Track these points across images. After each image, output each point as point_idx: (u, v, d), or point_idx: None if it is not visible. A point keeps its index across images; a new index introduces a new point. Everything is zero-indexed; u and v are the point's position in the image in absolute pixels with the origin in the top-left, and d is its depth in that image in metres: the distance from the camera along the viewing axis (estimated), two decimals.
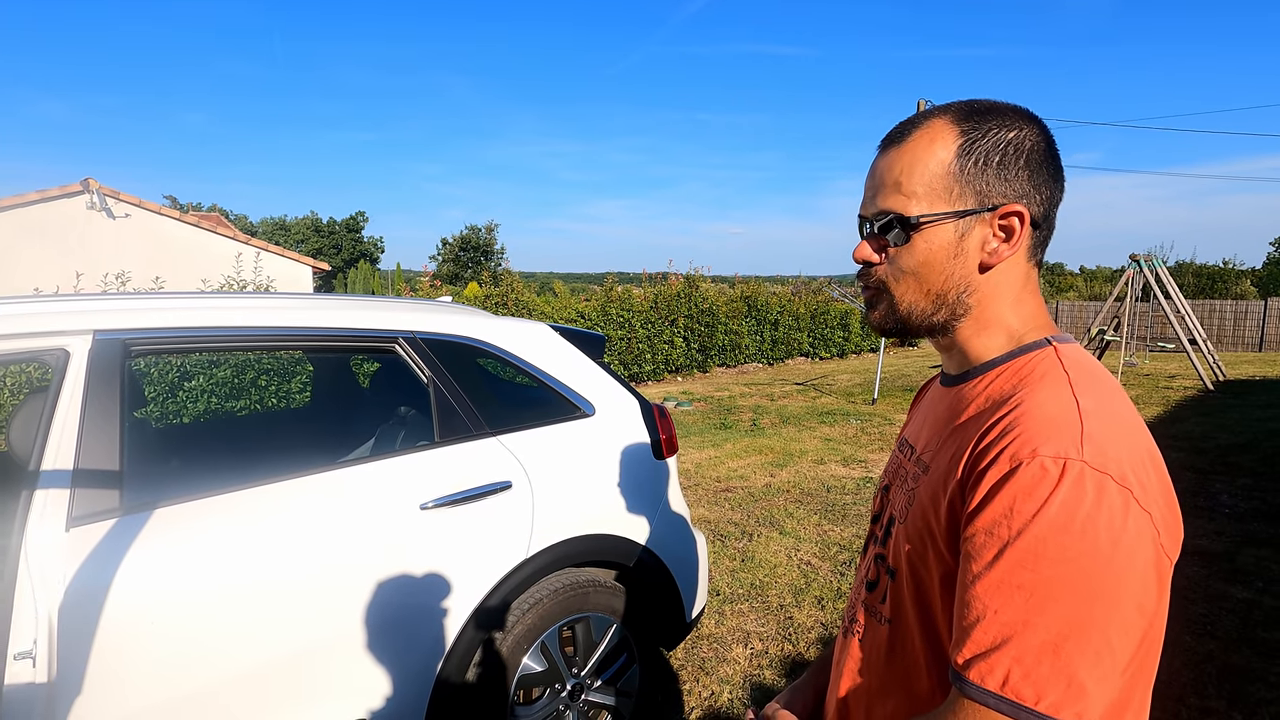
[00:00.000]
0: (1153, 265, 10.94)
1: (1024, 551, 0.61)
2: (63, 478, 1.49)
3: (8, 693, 1.35)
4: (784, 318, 15.24)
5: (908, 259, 0.77)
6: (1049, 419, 0.66)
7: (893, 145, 0.78)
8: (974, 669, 0.62)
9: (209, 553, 1.59)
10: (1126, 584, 0.61)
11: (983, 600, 0.63)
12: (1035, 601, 0.60)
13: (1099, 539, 0.60)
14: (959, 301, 0.78)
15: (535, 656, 2.05)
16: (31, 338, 1.57)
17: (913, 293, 0.78)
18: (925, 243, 0.76)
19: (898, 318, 0.80)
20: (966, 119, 0.76)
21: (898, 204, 0.76)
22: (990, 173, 0.75)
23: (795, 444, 6.93)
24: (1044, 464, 0.62)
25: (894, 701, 0.79)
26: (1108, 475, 0.62)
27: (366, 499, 1.80)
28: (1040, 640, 0.60)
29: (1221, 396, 9.61)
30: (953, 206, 0.75)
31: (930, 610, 0.74)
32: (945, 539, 0.71)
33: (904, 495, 0.82)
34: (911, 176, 0.76)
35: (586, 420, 2.25)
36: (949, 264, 0.77)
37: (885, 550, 0.83)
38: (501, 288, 11.35)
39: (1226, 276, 25.35)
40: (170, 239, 14.63)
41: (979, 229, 0.76)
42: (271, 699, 1.64)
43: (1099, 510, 0.61)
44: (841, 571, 3.72)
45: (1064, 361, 0.74)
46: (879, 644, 0.82)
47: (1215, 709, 2.48)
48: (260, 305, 1.92)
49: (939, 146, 0.76)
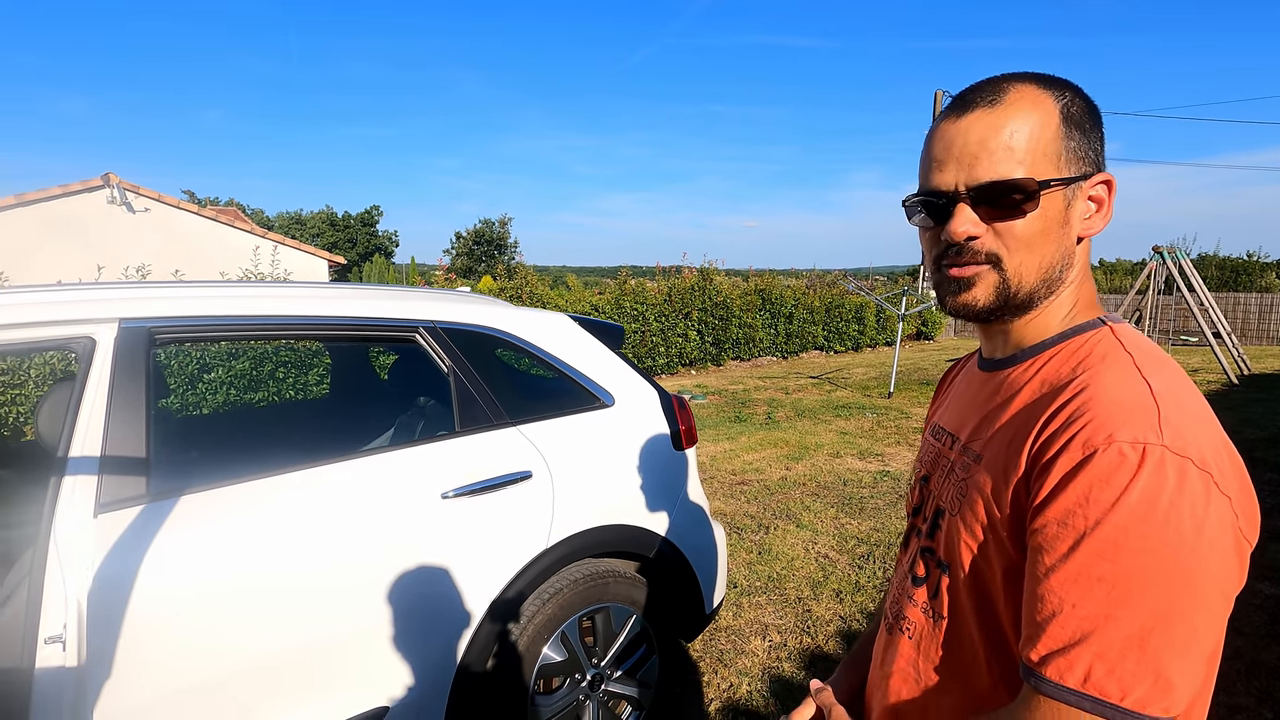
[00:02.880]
0: (1176, 257, 10.75)
1: (1103, 542, 0.58)
2: (90, 464, 1.50)
3: (39, 676, 1.37)
4: (798, 311, 15.14)
5: (1023, 229, 0.70)
6: (1121, 403, 0.63)
7: (982, 108, 0.71)
8: (1051, 665, 0.60)
9: (234, 540, 1.60)
10: (1211, 572, 0.58)
11: (1059, 594, 0.60)
12: (1118, 594, 0.58)
13: (1183, 526, 0.58)
14: (1059, 277, 0.73)
15: (555, 646, 2.05)
16: (59, 325, 1.58)
17: (1025, 266, 0.72)
18: (1043, 212, 0.70)
19: (1006, 295, 0.73)
20: (1049, 84, 0.72)
21: (1013, 169, 0.69)
22: (1087, 139, 0.72)
23: (811, 437, 6.89)
24: (1122, 450, 0.59)
25: (951, 699, 0.76)
26: (1188, 459, 0.59)
27: (389, 487, 1.80)
28: (1124, 634, 0.57)
29: (1246, 391, 9.43)
30: (1062, 173, 0.70)
31: (991, 605, 0.71)
32: (1009, 531, 0.68)
33: (952, 486, 0.78)
34: (1025, 140, 0.69)
35: (606, 411, 2.24)
36: (1060, 234, 0.72)
37: (933, 543, 0.80)
38: (515, 281, 11.36)
39: (1251, 269, 24.85)
40: (189, 233, 14.79)
41: (1080, 198, 0.72)
42: (294, 686, 1.65)
43: (1181, 496, 0.58)
44: (859, 565, 3.69)
45: (1124, 342, 0.71)
46: (933, 640, 0.78)
47: (1244, 706, 2.44)
48: (283, 294, 1.92)
49: (1043, 111, 0.70)
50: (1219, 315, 11.28)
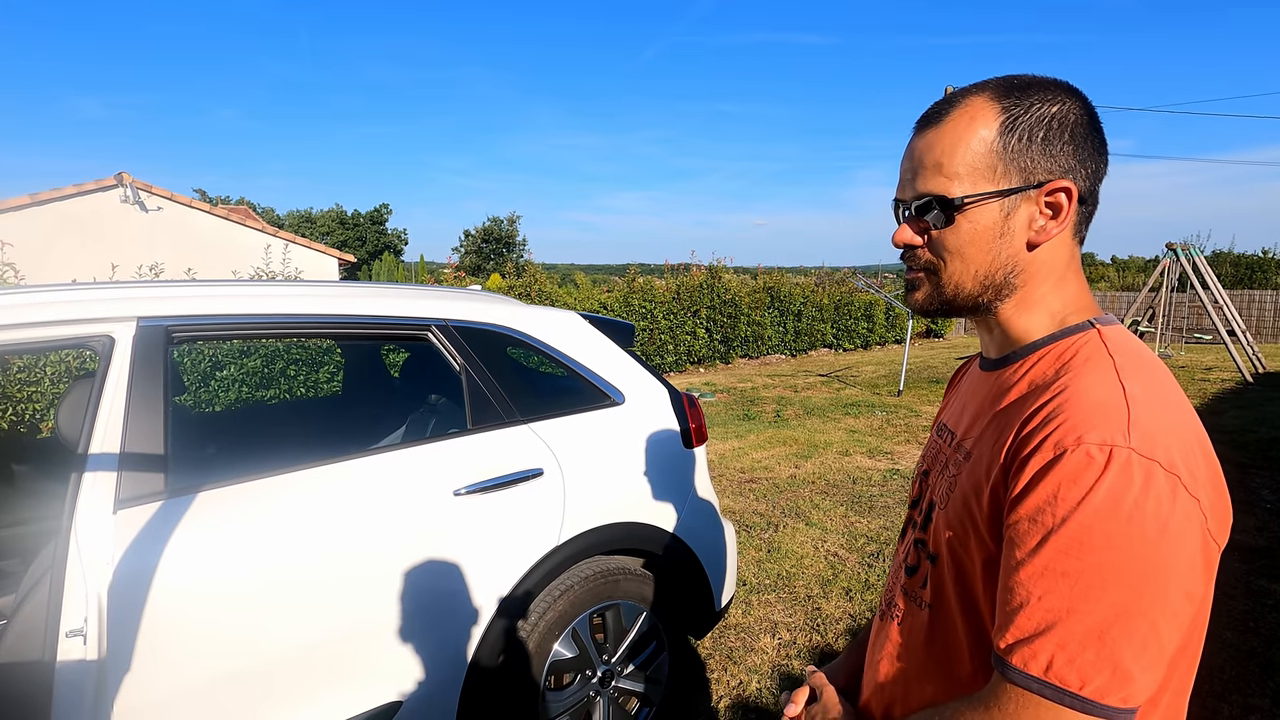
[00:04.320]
0: (1190, 254, 10.64)
1: (1068, 539, 0.61)
2: (110, 461, 1.53)
3: (61, 669, 1.39)
4: (807, 309, 15.10)
5: (952, 240, 0.76)
6: (1094, 405, 0.65)
7: (930, 125, 0.76)
8: (1017, 654, 0.63)
9: (250, 536, 1.61)
10: (1174, 571, 0.60)
11: (1026, 587, 0.63)
12: (1080, 588, 0.60)
13: (1146, 526, 0.60)
14: (1005, 282, 0.77)
15: (566, 643, 2.06)
16: (79, 324, 1.60)
17: (958, 274, 0.77)
18: (970, 223, 0.75)
19: (943, 299, 0.79)
20: (1007, 95, 0.74)
21: (938, 185, 0.75)
22: (1035, 149, 0.73)
23: (820, 435, 6.88)
24: (1089, 451, 0.62)
25: (934, 686, 0.79)
26: (1155, 462, 0.61)
27: (402, 484, 1.82)
28: (1085, 627, 0.60)
29: (1261, 389, 9.33)
30: (997, 185, 0.74)
31: (972, 596, 0.74)
32: (988, 525, 0.71)
33: (945, 481, 0.82)
34: (953, 157, 0.74)
35: (617, 408, 2.25)
36: (995, 244, 0.75)
37: (925, 535, 0.83)
38: (524, 279, 11.38)
39: (1266, 266, 24.55)
40: (201, 231, 14.91)
41: (1025, 207, 0.74)
42: (309, 680, 1.67)
43: (1146, 497, 0.60)
44: (869, 563, 3.69)
45: (1108, 345, 0.73)
46: (919, 628, 0.82)
47: (1259, 706, 2.42)
48: (297, 293, 1.94)
49: (980, 125, 0.74)
50: (1233, 313, 11.17)
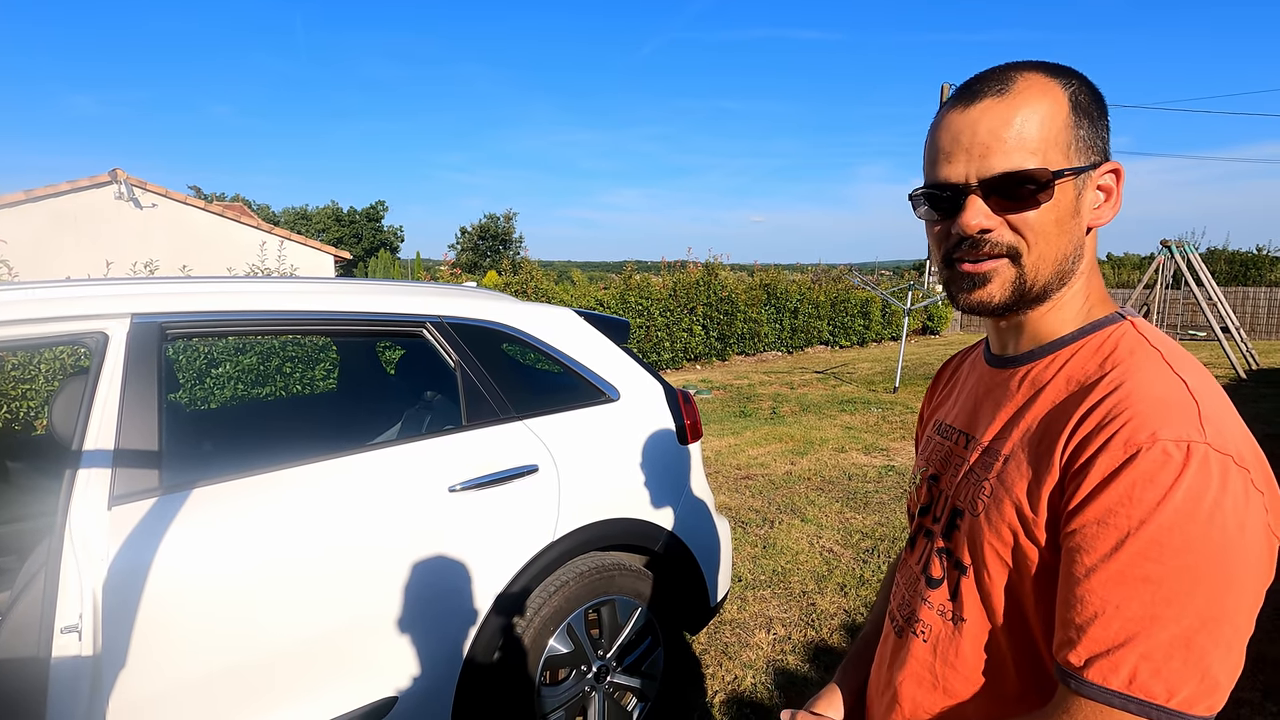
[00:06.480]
0: (1184, 251, 10.67)
1: (1148, 542, 0.57)
2: (104, 458, 1.53)
3: (55, 665, 1.39)
4: (804, 306, 15.11)
5: (1040, 221, 0.69)
6: (1160, 400, 0.62)
7: (990, 97, 0.68)
8: (1094, 667, 0.59)
9: (245, 532, 1.62)
10: (1255, 570, 0.58)
11: (1100, 594, 0.59)
12: (1163, 594, 0.57)
13: (1227, 525, 0.57)
14: (1071, 268, 0.72)
15: (561, 638, 2.07)
16: (73, 321, 1.60)
17: (1044, 259, 0.70)
18: (1056, 202, 0.69)
19: (1022, 290, 0.71)
20: (1055, 73, 0.70)
21: (1026, 160, 0.67)
22: (1090, 127, 0.70)
23: (816, 432, 6.90)
24: (1166, 448, 0.58)
25: (973, 706, 0.74)
26: (1229, 457, 0.59)
27: (397, 480, 1.82)
28: (1170, 634, 0.57)
29: (1255, 386, 9.37)
30: (1072, 163, 0.69)
31: (1020, 608, 0.69)
32: (1042, 531, 0.66)
33: (970, 486, 0.76)
34: (1036, 130, 0.68)
35: (611, 405, 2.26)
36: (1073, 224, 0.70)
37: (950, 544, 0.77)
38: (520, 276, 11.37)
39: (1260, 263, 24.65)
40: (196, 228, 14.85)
41: (1089, 188, 0.71)
42: (304, 676, 1.68)
43: (1225, 495, 0.57)
44: (864, 559, 3.70)
45: (1148, 338, 0.69)
46: (952, 643, 0.75)
47: (1249, 700, 2.43)
48: (292, 289, 1.94)
49: (1052, 99, 0.68)
50: (1227, 310, 11.21)
